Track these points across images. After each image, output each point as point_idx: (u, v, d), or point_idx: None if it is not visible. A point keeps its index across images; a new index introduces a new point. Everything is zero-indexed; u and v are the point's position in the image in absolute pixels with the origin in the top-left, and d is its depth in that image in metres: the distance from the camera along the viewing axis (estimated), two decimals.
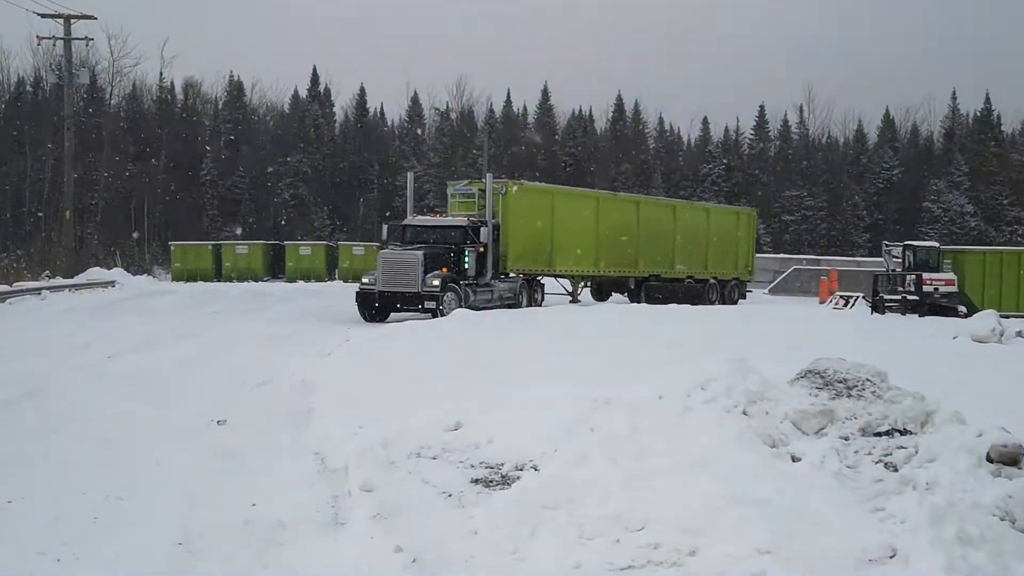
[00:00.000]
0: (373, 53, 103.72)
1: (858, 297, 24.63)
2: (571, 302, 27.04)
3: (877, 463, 5.58)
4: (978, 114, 70.59)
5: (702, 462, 5.55)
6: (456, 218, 23.24)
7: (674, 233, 29.99)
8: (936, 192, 63.81)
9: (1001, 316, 28.26)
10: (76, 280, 34.85)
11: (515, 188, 24.58)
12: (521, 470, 6.67)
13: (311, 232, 58.02)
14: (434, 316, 20.00)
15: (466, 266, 22.05)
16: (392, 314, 21.86)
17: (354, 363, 12.97)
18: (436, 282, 20.63)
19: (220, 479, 7.18)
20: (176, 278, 43.78)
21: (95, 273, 38.40)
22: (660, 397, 6.76)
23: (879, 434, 5.99)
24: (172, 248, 45.60)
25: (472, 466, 6.93)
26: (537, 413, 7.57)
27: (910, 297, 23.34)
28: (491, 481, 6.53)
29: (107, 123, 57.92)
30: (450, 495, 6.26)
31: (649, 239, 28.88)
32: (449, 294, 21.01)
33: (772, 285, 45.32)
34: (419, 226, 23.13)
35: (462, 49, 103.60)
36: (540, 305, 25.15)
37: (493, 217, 23.58)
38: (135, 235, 52.28)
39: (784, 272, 47.00)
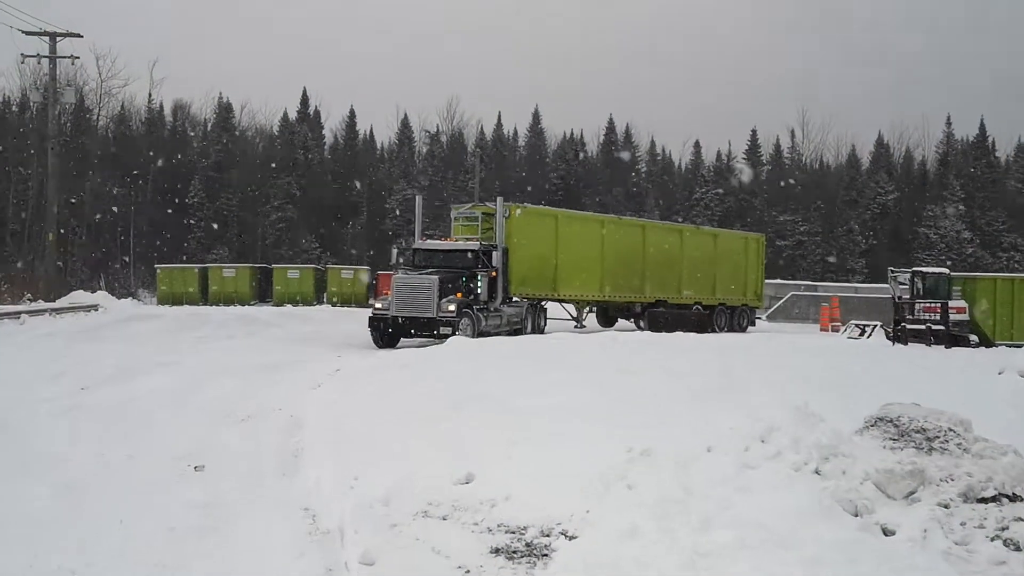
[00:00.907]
0: (363, 75, 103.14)
1: (876, 326, 23.71)
2: (576, 328, 26.37)
3: (993, 539, 4.61)
4: (972, 139, 70.31)
5: (779, 538, 4.56)
6: (468, 242, 22.73)
7: (681, 258, 29.38)
8: (932, 218, 63.29)
9: (1013, 346, 27.58)
10: (58, 304, 33.80)
11: (519, 211, 23.98)
12: (548, 536, 5.66)
13: (299, 255, 57.00)
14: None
15: (479, 291, 21.56)
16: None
17: (346, 396, 11.95)
18: (452, 307, 20.20)
19: (193, 545, 6.14)
20: (162, 301, 42.68)
21: (78, 296, 37.36)
22: (709, 449, 5.80)
23: (983, 500, 5.02)
24: (158, 271, 44.49)
25: (490, 530, 5.90)
26: (560, 462, 6.58)
27: (935, 327, 22.30)
28: (515, 552, 5.49)
29: (94, 144, 56.89)
30: (468, 572, 5.23)
31: (656, 264, 28.32)
32: (464, 319, 20.57)
33: (770, 311, 44.42)
34: (430, 250, 22.61)
35: (453, 71, 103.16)
36: (543, 331, 24.43)
37: (497, 241, 23.02)
38: (124, 260, 51.11)
39: (782, 298, 46.12)
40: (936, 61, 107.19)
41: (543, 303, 25.35)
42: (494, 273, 21.96)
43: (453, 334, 19.67)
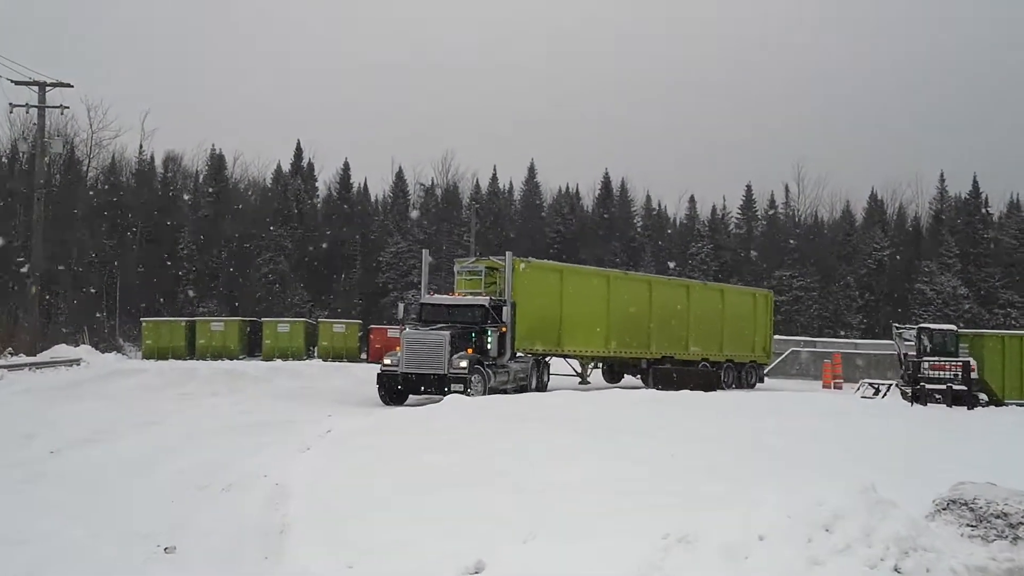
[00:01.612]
0: (358, 128, 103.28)
1: (891, 385, 22.90)
2: (580, 383, 26.12)
3: None
4: (966, 196, 70.29)
5: None
6: (477, 296, 22.44)
7: (688, 314, 29.18)
8: (928, 274, 62.90)
9: (1021, 404, 26.82)
10: (39, 358, 32.75)
11: (523, 266, 23.77)
12: None
13: (290, 309, 56.09)
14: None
15: (488, 346, 21.24)
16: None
17: (338, 463, 11.04)
18: (464, 363, 19.85)
19: None
20: (147, 356, 41.66)
21: (61, 350, 36.29)
22: (762, 538, 4.94)
23: None
24: (143, 324, 43.50)
25: None
26: (584, 553, 5.69)
27: (956, 387, 21.50)
28: None
29: (83, 195, 56.26)
30: None
31: (662, 319, 28.12)
32: (476, 376, 20.19)
33: (769, 367, 43.62)
34: (438, 304, 22.26)
35: (448, 124, 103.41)
36: (547, 387, 23.84)
37: (500, 294, 22.77)
38: (110, 312, 50.17)
39: (781, 354, 45.30)
40: (930, 118, 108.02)
41: (547, 359, 25.08)
42: (504, 329, 21.62)
43: (465, 391, 19.20)
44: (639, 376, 28.42)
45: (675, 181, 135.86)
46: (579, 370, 26.77)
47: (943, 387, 21.33)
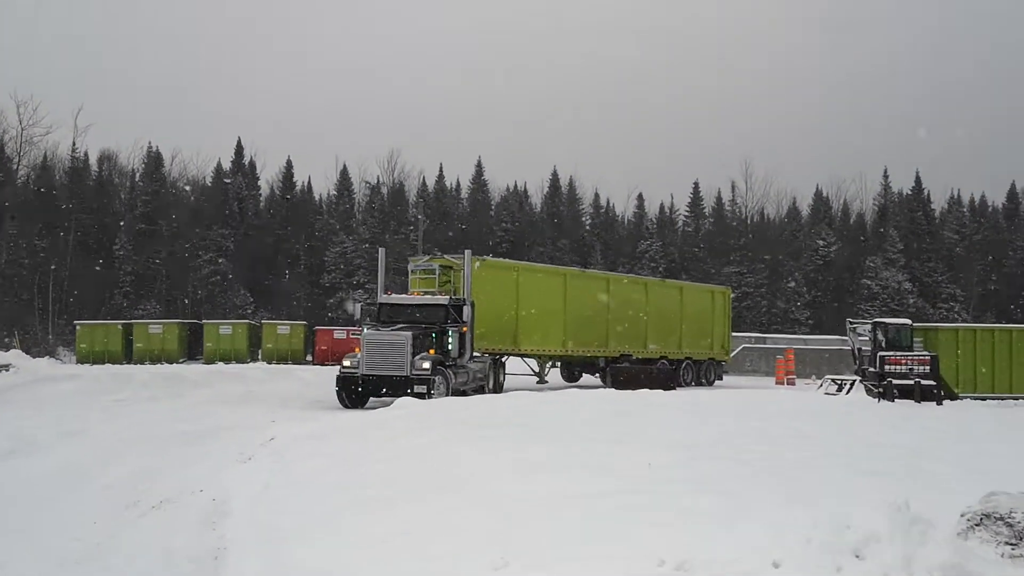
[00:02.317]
0: (301, 125, 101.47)
1: (854, 381, 22.54)
2: (538, 383, 25.69)
3: None
4: (909, 192, 71.21)
5: None
6: (437, 296, 21.84)
7: (646, 311, 28.93)
8: (873, 269, 63.47)
9: (976, 398, 26.78)
10: None
11: (478, 264, 23.25)
12: None
13: (232, 310, 54.55)
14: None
15: (449, 347, 20.65)
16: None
17: (282, 474, 10.13)
18: (426, 365, 19.29)
19: None
20: (82, 360, 40.10)
21: None
22: (777, 566, 4.21)
23: None
24: (77, 328, 41.81)
25: None
26: None
27: (925, 382, 21.11)
28: None
29: (12, 194, 54.05)
30: None
31: (620, 318, 27.83)
32: (439, 377, 19.67)
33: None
34: (397, 304, 21.48)
35: (393, 122, 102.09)
36: (503, 387, 23.31)
37: (457, 294, 22.18)
38: (35, 316, 48.19)
39: (733, 351, 45.18)
40: (872, 114, 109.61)
41: (503, 358, 24.68)
42: (464, 328, 21.10)
43: (428, 393, 18.74)
44: (597, 375, 28.13)
45: (623, 179, 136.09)
46: (537, 369, 26.31)
47: (911, 383, 20.90)
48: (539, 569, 5.21)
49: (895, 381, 21.15)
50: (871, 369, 26.36)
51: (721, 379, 32.04)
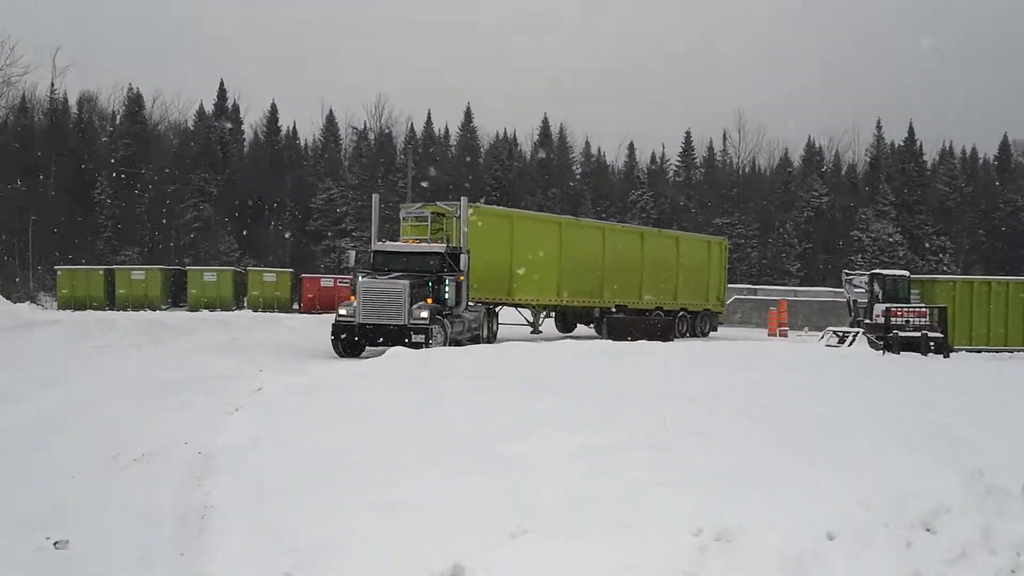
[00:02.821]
0: (285, 69, 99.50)
1: (857, 333, 22.09)
2: (532, 333, 25.41)
3: None
4: (902, 143, 70.61)
5: None
6: (433, 244, 21.42)
7: (642, 262, 28.62)
8: (865, 221, 63.09)
9: (972, 350, 26.51)
10: None
11: (471, 211, 22.70)
12: None
13: (217, 257, 53.74)
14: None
15: (446, 296, 20.22)
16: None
17: (271, 428, 9.59)
18: (424, 314, 18.97)
19: None
20: (64, 306, 39.43)
21: None
22: (832, 537, 3.68)
23: None
24: (58, 273, 41.01)
25: None
26: (593, 554, 4.40)
27: (932, 335, 20.61)
28: None
29: None
30: None
31: (615, 268, 27.51)
32: (436, 327, 19.20)
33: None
34: (393, 252, 20.93)
35: (381, 67, 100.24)
36: (496, 336, 23.18)
37: (450, 241, 21.79)
38: (16, 261, 47.25)
39: (724, 302, 44.79)
40: (867, 64, 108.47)
41: (497, 308, 24.28)
42: (461, 277, 20.71)
43: (426, 343, 18.52)
44: (592, 325, 27.95)
45: (615, 128, 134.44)
46: (530, 319, 25.97)
47: (917, 335, 20.40)
48: (559, 537, 4.68)
49: (901, 333, 20.64)
50: (867, 321, 26.05)
51: (716, 330, 31.90)
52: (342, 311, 19.96)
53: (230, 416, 11.06)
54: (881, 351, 19.30)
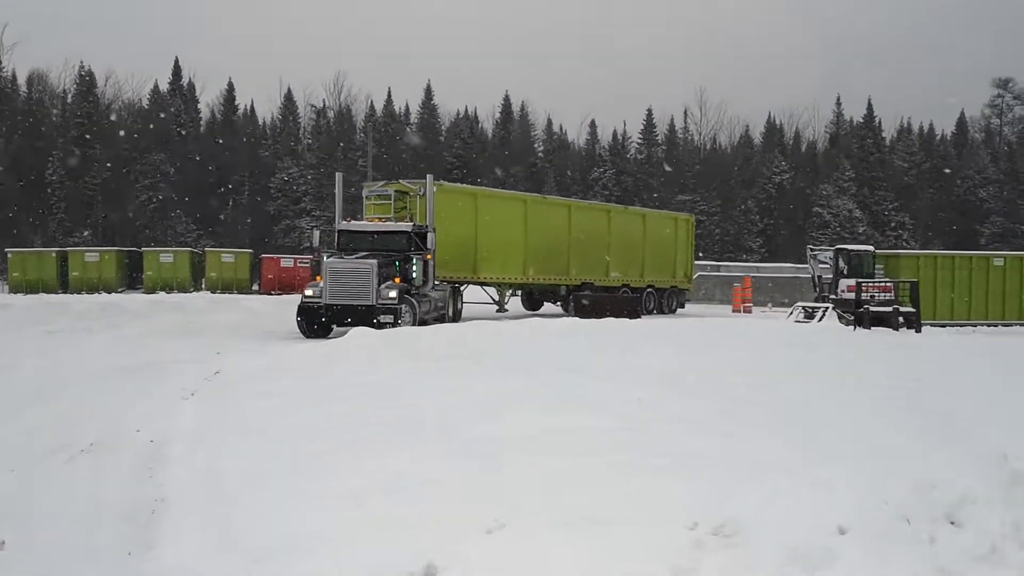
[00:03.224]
0: (242, 46, 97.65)
1: (827, 308, 21.94)
2: (498, 311, 25.19)
3: None
4: (861, 120, 71.01)
5: None
6: (400, 223, 20.99)
7: (608, 239, 28.42)
8: (825, 197, 63.44)
9: (936, 324, 26.64)
10: None
11: (435, 189, 22.29)
12: None
13: (174, 239, 52.65)
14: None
15: (414, 275, 20.00)
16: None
17: (229, 413, 9.15)
18: (393, 294, 18.71)
19: None
20: (15, 289, 38.30)
21: None
22: (843, 532, 3.37)
23: None
24: (8, 255, 39.84)
25: None
26: (579, 550, 4.06)
27: (903, 309, 20.40)
28: None
29: None
30: None
31: (581, 245, 27.27)
32: (404, 306, 18.95)
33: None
34: (358, 231, 20.62)
35: (340, 44, 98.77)
36: (460, 315, 23.05)
37: (413, 219, 21.54)
38: None
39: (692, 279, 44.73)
40: (824, 41, 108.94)
41: (461, 287, 24.06)
42: (429, 256, 20.50)
43: (395, 322, 18.23)
44: (559, 303, 27.82)
45: (576, 105, 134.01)
46: (496, 298, 25.76)
47: (888, 310, 20.22)
48: (541, 530, 4.33)
49: (872, 308, 20.44)
50: (832, 296, 26.05)
51: (683, 307, 31.93)
52: (308, 292, 19.59)
53: (185, 401, 10.60)
54: (851, 326, 19.18)
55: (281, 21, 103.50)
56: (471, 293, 25.29)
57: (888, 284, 25.57)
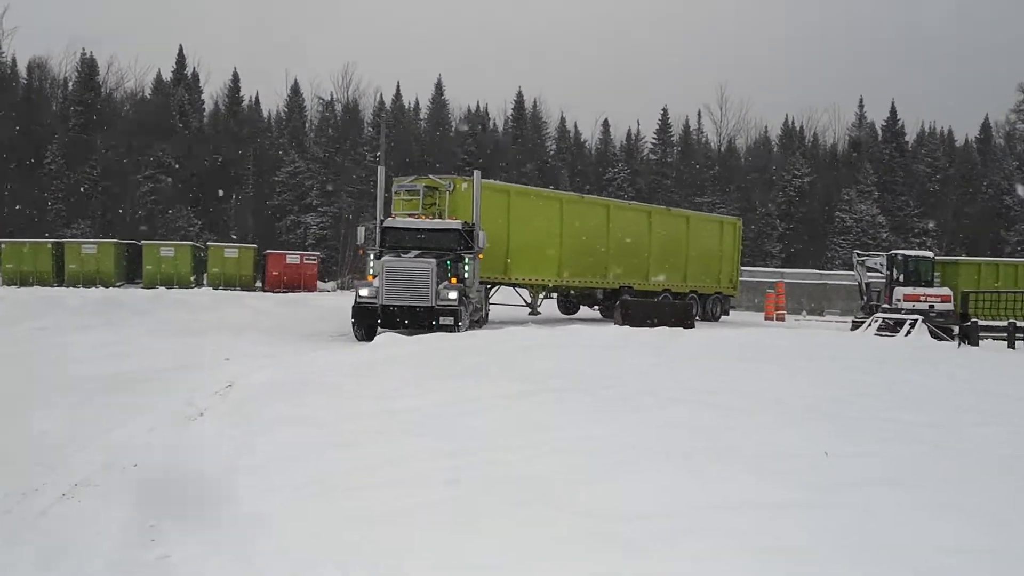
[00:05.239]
0: (248, 36, 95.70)
1: (916, 321, 19.99)
2: (530, 314, 23.60)
3: None
4: (884, 123, 69.15)
5: None
6: (448, 220, 19.93)
7: (649, 241, 26.79)
8: (848, 202, 61.57)
9: (998, 338, 24.72)
10: None
11: (464, 185, 21.21)
12: None
13: (176, 232, 50.72)
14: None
15: (466, 275, 18.89)
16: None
17: (248, 443, 7.27)
18: (453, 295, 17.78)
19: None
20: (8, 282, 36.48)
21: None
22: None
23: None
24: (2, 247, 37.97)
25: None
26: None
27: (1022, 323, 18.19)
28: None
29: None
30: None
31: (620, 247, 25.68)
32: (463, 308, 17.99)
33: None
34: (406, 229, 19.36)
35: (348, 35, 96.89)
36: (487, 318, 21.63)
37: (443, 216, 20.61)
38: None
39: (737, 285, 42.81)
40: (845, 42, 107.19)
41: (493, 288, 22.71)
42: (480, 255, 19.51)
43: (456, 326, 17.45)
44: (596, 308, 26.40)
45: (589, 104, 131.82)
46: (528, 300, 24.16)
47: (1005, 324, 17.98)
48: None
49: (980, 323, 18.05)
50: (885, 305, 24.22)
51: (727, 314, 30.19)
52: (363, 292, 18.48)
53: (192, 423, 8.74)
54: (956, 342, 17.12)
55: (287, 11, 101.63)
56: (501, 295, 23.69)
57: (948, 293, 23.75)
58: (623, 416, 6.57)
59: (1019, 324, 16.79)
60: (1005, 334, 17.63)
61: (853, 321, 26.30)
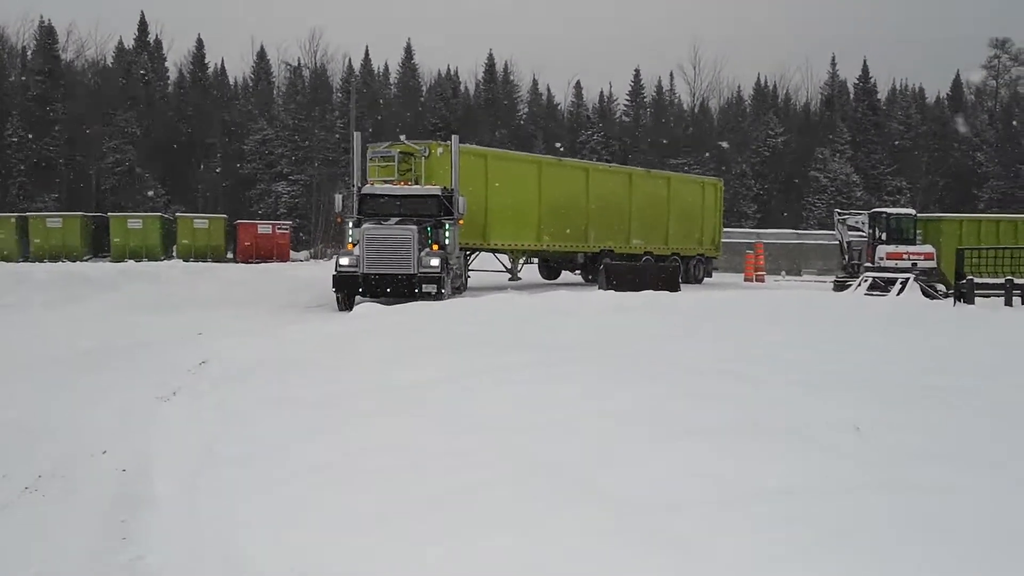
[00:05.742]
0: (212, 1, 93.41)
1: (908, 279, 19.68)
2: (510, 280, 23.24)
3: None
4: (856, 81, 68.89)
5: None
6: (428, 187, 19.55)
7: (630, 204, 26.46)
8: (822, 161, 61.39)
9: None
10: None
11: (440, 150, 21.03)
12: None
13: (143, 203, 49.60)
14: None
15: (446, 242, 18.55)
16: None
17: (229, 428, 6.78)
18: (435, 262, 17.56)
19: None
20: None
21: None
22: None
23: None
24: None
25: None
26: None
27: (1018, 281, 17.58)
28: None
29: None
30: None
31: (601, 210, 25.36)
32: (445, 275, 17.80)
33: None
34: (385, 196, 18.95)
35: (315, 1, 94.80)
36: (467, 284, 21.47)
37: (419, 182, 20.32)
38: None
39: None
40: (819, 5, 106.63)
41: (472, 255, 22.56)
42: (461, 222, 19.27)
43: (438, 293, 17.28)
44: (577, 272, 26.06)
45: (562, 66, 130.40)
46: (508, 265, 23.74)
47: (1002, 282, 17.46)
48: None
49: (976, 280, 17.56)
50: (867, 264, 23.99)
51: (710, 276, 30.00)
52: (343, 261, 18.17)
53: (165, 403, 8.23)
54: (952, 300, 16.79)
55: None
56: (480, 260, 23.29)
57: (931, 252, 23.52)
58: (641, 387, 6.12)
59: (1017, 281, 16.46)
60: (1001, 291, 17.24)
61: (835, 281, 26.09)
